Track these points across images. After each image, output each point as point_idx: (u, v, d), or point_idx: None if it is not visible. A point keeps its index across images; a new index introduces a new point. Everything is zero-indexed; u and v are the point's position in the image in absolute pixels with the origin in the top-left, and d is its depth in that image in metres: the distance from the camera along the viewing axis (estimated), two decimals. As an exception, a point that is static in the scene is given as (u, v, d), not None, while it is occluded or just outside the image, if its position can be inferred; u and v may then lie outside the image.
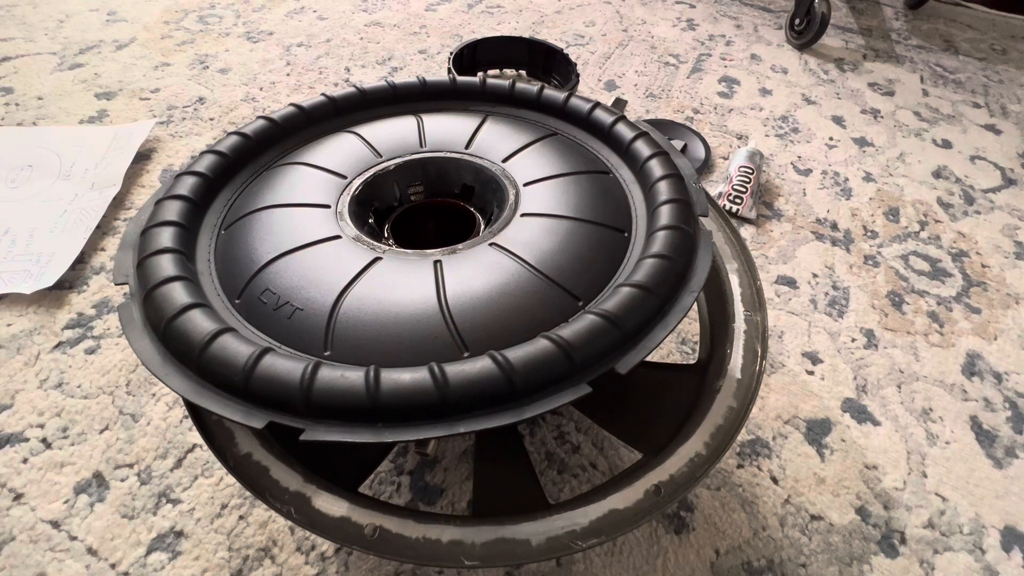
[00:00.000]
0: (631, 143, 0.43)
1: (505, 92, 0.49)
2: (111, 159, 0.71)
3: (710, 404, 0.37)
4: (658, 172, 0.40)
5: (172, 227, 0.35)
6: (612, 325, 0.29)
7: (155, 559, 0.41)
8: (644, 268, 0.33)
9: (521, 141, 0.44)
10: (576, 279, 0.34)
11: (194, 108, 0.83)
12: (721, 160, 0.84)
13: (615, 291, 0.32)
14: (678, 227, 0.35)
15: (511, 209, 0.39)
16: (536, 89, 0.49)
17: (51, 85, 0.84)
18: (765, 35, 1.20)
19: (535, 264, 0.34)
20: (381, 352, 0.29)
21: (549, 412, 0.37)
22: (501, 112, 0.49)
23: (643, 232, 0.38)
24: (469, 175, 0.43)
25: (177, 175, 0.39)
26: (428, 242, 0.38)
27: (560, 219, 0.37)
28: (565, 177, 0.41)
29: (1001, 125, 1.01)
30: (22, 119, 0.78)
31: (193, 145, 0.77)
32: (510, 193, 0.40)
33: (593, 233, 0.37)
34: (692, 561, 0.44)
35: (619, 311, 0.30)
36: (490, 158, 0.43)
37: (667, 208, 0.37)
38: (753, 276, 0.44)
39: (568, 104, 0.48)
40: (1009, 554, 0.46)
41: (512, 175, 0.42)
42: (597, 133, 0.46)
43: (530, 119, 0.48)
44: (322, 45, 1.00)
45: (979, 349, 0.62)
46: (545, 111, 0.49)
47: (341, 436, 0.26)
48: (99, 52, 0.92)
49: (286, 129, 0.45)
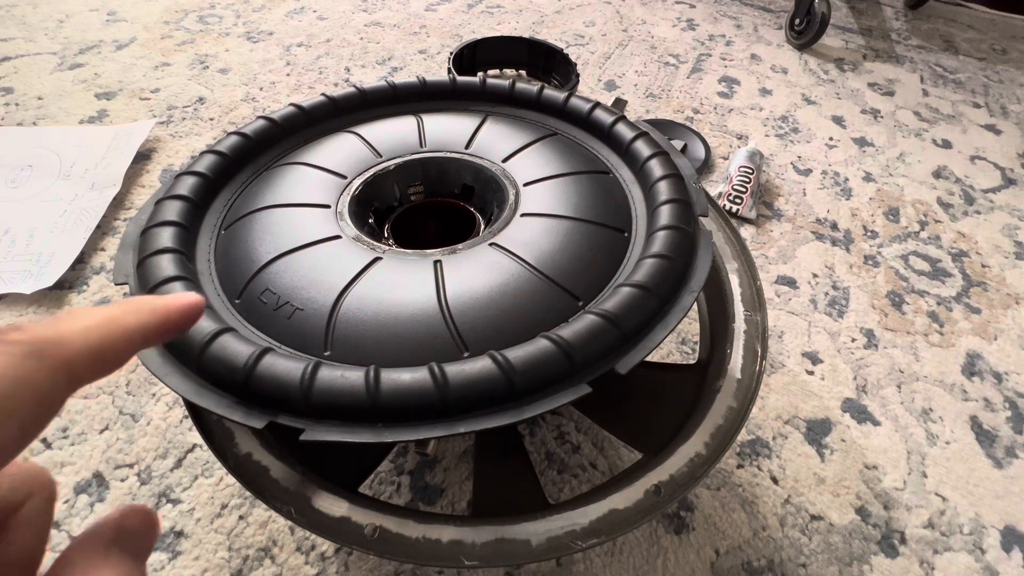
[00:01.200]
0: (631, 143, 0.43)
1: (505, 92, 0.49)
2: (111, 159, 0.71)
3: (710, 404, 0.37)
4: (658, 172, 0.40)
5: (172, 227, 0.35)
6: (612, 325, 0.29)
7: (155, 559, 0.41)
8: (644, 268, 0.33)
9: (521, 141, 0.44)
10: (576, 279, 0.33)
11: (194, 108, 0.83)
12: (721, 160, 0.84)
13: (615, 291, 0.32)
14: (678, 227, 0.35)
15: (511, 209, 0.39)
16: (536, 89, 0.49)
17: (51, 85, 0.84)
18: (765, 35, 1.20)
19: (535, 264, 0.34)
20: (381, 352, 0.29)
21: (549, 412, 0.37)
22: (501, 112, 0.49)
23: (643, 232, 0.38)
24: (469, 175, 0.43)
25: (177, 175, 0.39)
26: (428, 242, 0.38)
27: (560, 219, 0.37)
28: (565, 177, 0.41)
29: (1001, 125, 1.01)
30: (22, 119, 0.78)
31: (193, 145, 0.77)
32: (510, 193, 0.40)
33: (593, 233, 0.37)
34: (692, 561, 0.44)
35: (619, 311, 0.30)
36: (490, 158, 0.43)
37: (667, 208, 0.37)
38: (753, 276, 0.44)
39: (568, 104, 0.48)
40: (1009, 554, 0.46)
41: (512, 175, 0.42)
42: (597, 133, 0.46)
43: (530, 119, 0.48)
44: (322, 45, 1.00)
45: (979, 349, 0.62)
46: (545, 111, 0.49)
47: (341, 436, 0.26)
48: (99, 52, 0.92)
49: (286, 129, 0.45)
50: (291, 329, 0.31)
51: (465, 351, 0.29)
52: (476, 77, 0.51)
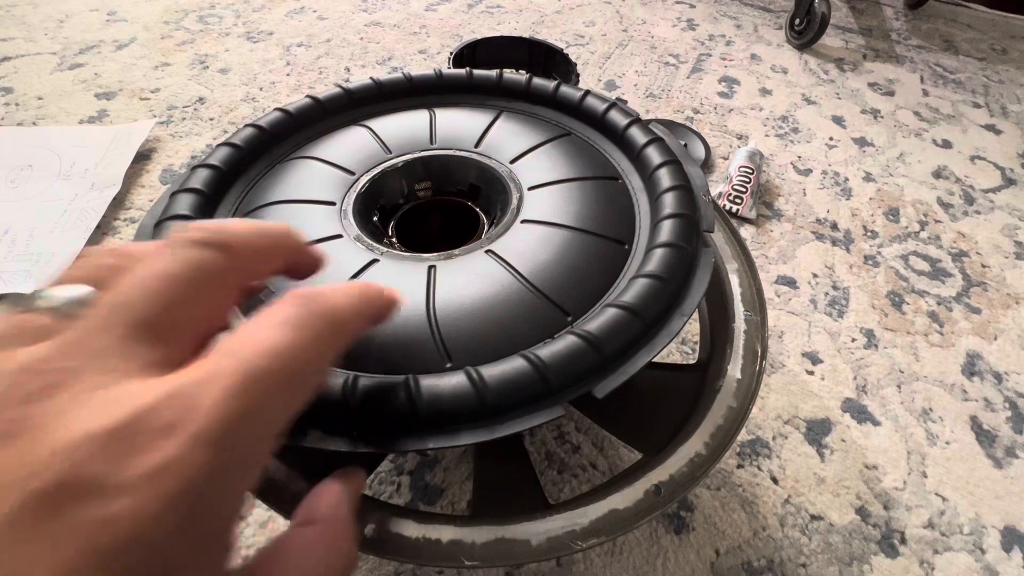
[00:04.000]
0: (643, 148, 0.42)
1: (521, 87, 0.48)
2: (111, 159, 0.71)
3: (710, 404, 0.37)
4: (665, 183, 0.39)
5: (185, 221, 0.35)
6: (592, 348, 0.29)
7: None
8: (634, 288, 0.32)
9: (532, 141, 0.44)
10: (568, 293, 0.33)
11: (194, 108, 0.83)
12: (721, 160, 0.84)
13: (602, 310, 0.31)
14: (676, 245, 0.34)
15: (512, 214, 0.38)
16: (552, 86, 0.48)
17: (51, 85, 0.84)
18: (765, 35, 1.20)
19: (528, 276, 0.33)
20: (369, 358, 0.29)
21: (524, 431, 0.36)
22: (516, 108, 0.48)
23: (644, 245, 0.37)
24: (476, 174, 0.43)
25: (192, 167, 0.39)
26: (432, 240, 0.38)
27: (560, 228, 0.36)
28: (571, 183, 0.40)
29: (1001, 125, 1.01)
30: (22, 119, 0.78)
31: (193, 145, 0.77)
32: (513, 197, 0.40)
33: (592, 245, 0.36)
34: (692, 561, 0.44)
35: (601, 334, 0.29)
36: (499, 158, 0.43)
37: (669, 223, 0.36)
38: (753, 276, 0.44)
39: (584, 103, 0.46)
40: (1009, 554, 0.46)
41: (518, 178, 0.41)
42: (611, 135, 0.45)
43: (545, 117, 0.47)
44: (322, 45, 1.00)
45: (979, 349, 0.62)
46: (561, 109, 0.47)
47: (319, 443, 0.26)
48: (99, 52, 0.92)
49: (300, 121, 0.45)
50: None
51: (448, 362, 0.29)
52: (493, 71, 0.50)
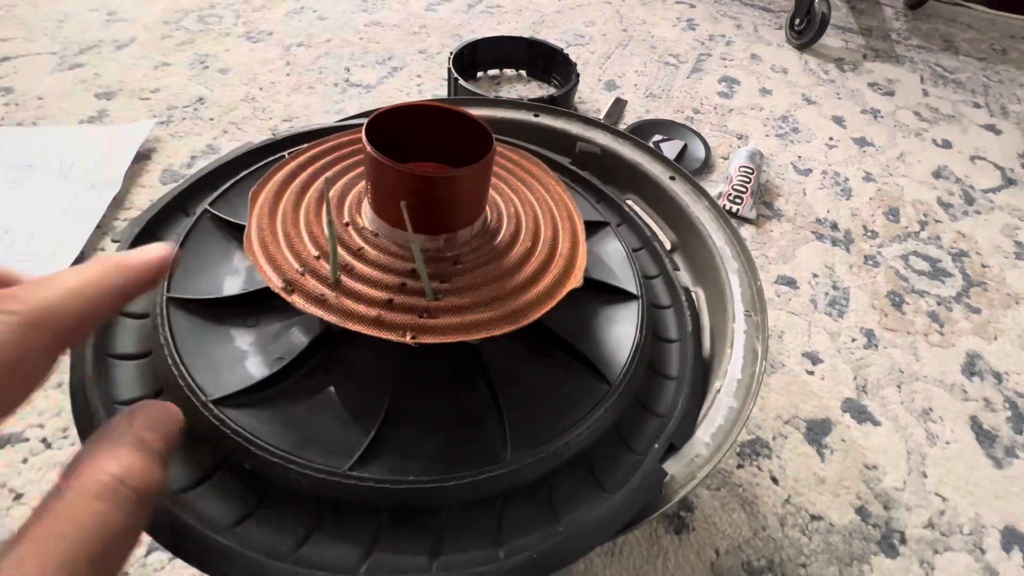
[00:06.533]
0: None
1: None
2: (111, 159, 0.71)
3: (710, 404, 0.37)
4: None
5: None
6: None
7: (155, 559, 0.41)
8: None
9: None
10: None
11: (194, 108, 0.83)
12: (721, 160, 0.84)
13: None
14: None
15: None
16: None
17: (51, 85, 0.84)
18: (765, 35, 1.20)
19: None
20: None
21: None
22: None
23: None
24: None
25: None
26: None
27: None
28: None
29: (1001, 125, 1.01)
30: (22, 119, 0.78)
31: (193, 145, 0.77)
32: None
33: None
34: (692, 561, 0.44)
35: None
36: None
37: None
38: (753, 276, 0.44)
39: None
40: (1009, 554, 0.46)
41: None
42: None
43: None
44: (322, 45, 1.00)
45: (979, 349, 0.62)
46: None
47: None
48: (99, 52, 0.92)
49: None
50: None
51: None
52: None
